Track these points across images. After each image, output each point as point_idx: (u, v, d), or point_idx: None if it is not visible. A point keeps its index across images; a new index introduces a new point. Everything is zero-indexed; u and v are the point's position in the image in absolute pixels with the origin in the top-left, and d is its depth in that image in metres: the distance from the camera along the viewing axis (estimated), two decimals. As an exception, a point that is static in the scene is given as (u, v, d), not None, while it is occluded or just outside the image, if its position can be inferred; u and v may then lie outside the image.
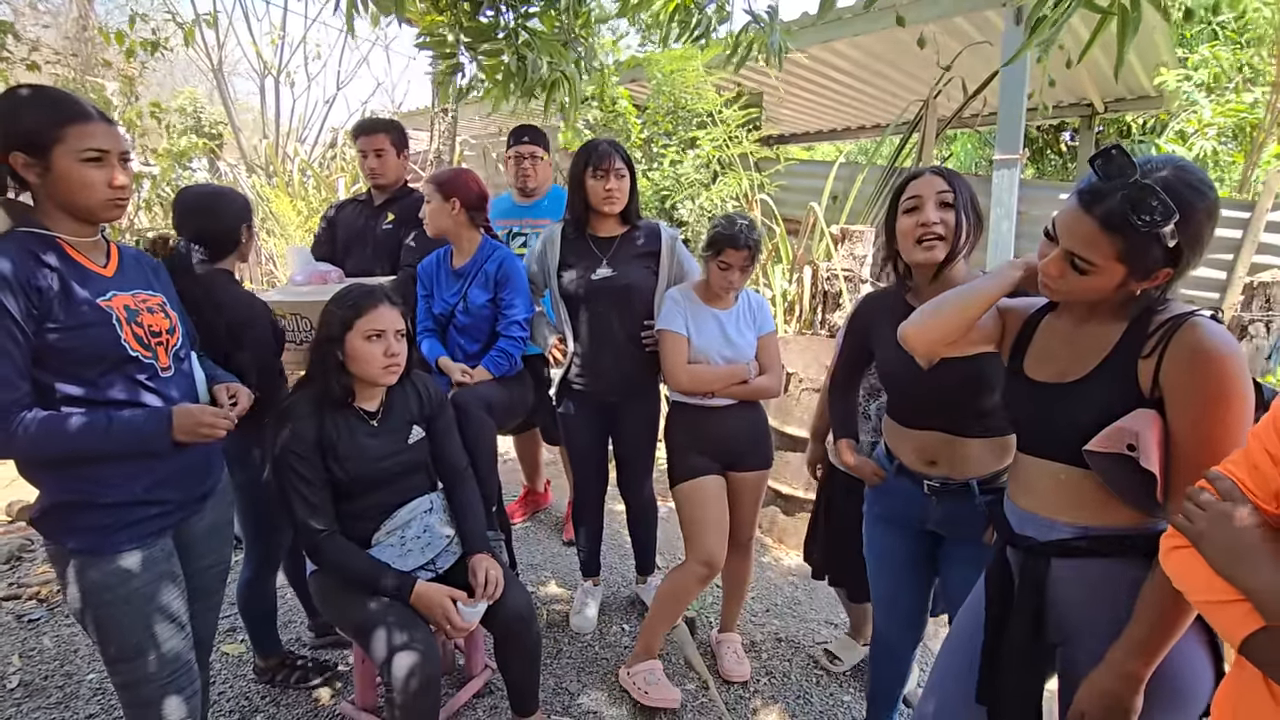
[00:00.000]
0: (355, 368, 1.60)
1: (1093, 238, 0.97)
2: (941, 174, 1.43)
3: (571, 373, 2.20)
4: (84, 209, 1.20)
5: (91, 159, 1.17)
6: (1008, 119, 3.80)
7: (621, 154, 2.06)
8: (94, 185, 1.18)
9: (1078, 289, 1.04)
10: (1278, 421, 0.76)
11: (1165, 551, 0.85)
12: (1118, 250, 0.96)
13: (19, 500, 3.26)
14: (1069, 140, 8.76)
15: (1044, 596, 1.11)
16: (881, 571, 1.67)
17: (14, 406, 1.12)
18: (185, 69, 10.90)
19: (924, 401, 1.47)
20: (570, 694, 2.06)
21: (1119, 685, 0.99)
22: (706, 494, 1.98)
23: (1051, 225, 1.05)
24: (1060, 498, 1.10)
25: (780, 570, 2.88)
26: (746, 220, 1.89)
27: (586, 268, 2.10)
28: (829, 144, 10.71)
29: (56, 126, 1.15)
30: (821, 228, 4.13)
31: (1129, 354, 1.03)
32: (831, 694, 2.13)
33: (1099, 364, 1.06)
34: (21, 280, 1.12)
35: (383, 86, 21.26)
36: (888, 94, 6.39)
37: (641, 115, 5.20)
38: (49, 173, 1.16)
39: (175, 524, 1.34)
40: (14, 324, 1.11)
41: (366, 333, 1.58)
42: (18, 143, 1.15)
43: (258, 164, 7.56)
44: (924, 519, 1.51)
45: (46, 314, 1.14)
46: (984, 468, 1.43)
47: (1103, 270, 0.99)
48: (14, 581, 2.63)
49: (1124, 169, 0.94)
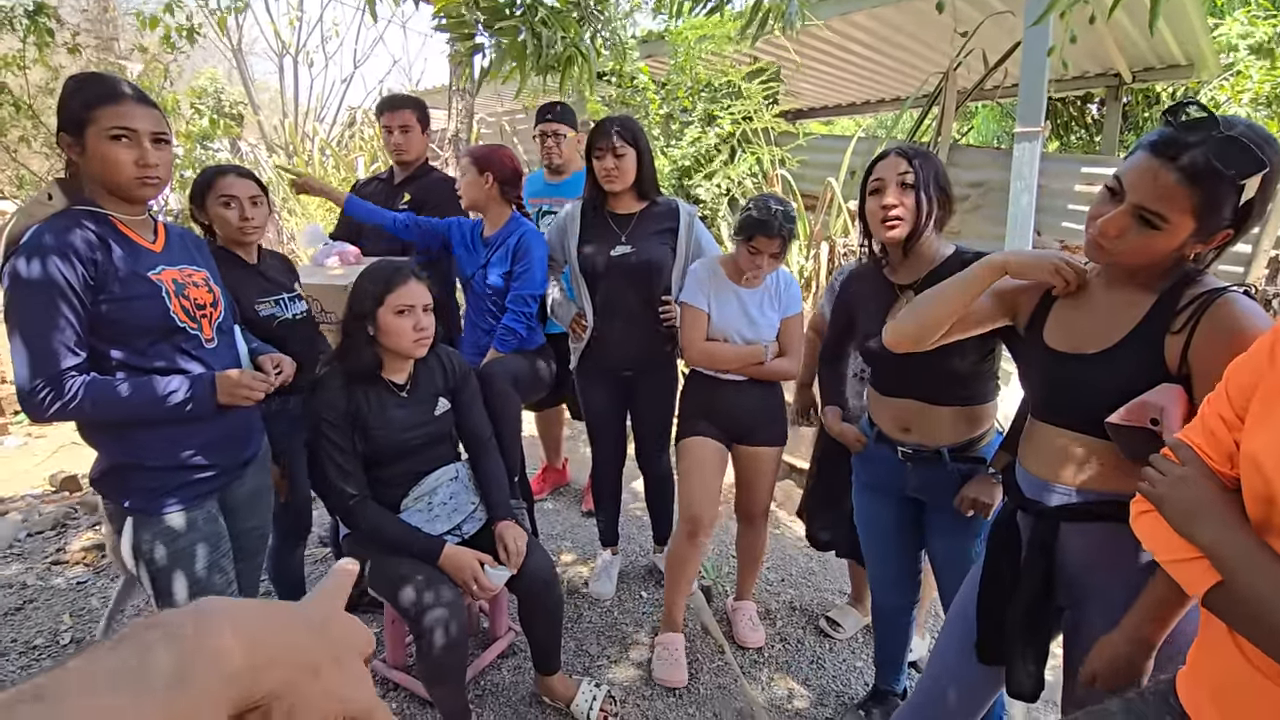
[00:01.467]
0: (386, 341, 1.66)
1: (1171, 190, 0.93)
2: (905, 154, 1.47)
3: (591, 347, 2.25)
4: (115, 186, 1.25)
5: (119, 137, 1.21)
6: (1029, 90, 3.73)
7: (624, 132, 2.05)
8: (122, 164, 1.22)
9: (1132, 250, 1.00)
10: (1228, 387, 0.80)
11: (1134, 516, 0.89)
12: (1194, 204, 0.93)
13: (62, 471, 3.41)
14: (1095, 113, 8.54)
15: (1053, 560, 1.15)
16: (870, 538, 1.75)
17: (70, 373, 1.19)
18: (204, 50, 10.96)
19: (901, 371, 1.53)
20: (590, 656, 2.14)
21: (1132, 649, 1.02)
22: (698, 454, 2.03)
23: (1116, 182, 1.01)
24: (1073, 465, 1.12)
25: (795, 541, 2.93)
26: (783, 206, 1.86)
27: (605, 244, 2.13)
28: (848, 119, 10.55)
29: (89, 107, 1.20)
30: (839, 203, 4.11)
31: (1157, 327, 1.02)
32: (844, 660, 2.18)
33: (1125, 336, 1.05)
34: (80, 253, 1.19)
35: (399, 64, 21.14)
36: (907, 66, 6.27)
37: (661, 91, 5.16)
38: (85, 152, 1.23)
39: (219, 488, 1.41)
40: (74, 295, 1.18)
41: (397, 308, 1.63)
42: (62, 124, 1.23)
43: (278, 144, 7.63)
44: (903, 485, 1.59)
45: (102, 286, 1.21)
46: (955, 436, 1.51)
47: (1172, 227, 0.95)
48: (60, 547, 2.77)
49: (1204, 121, 0.92)
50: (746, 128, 4.75)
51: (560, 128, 2.60)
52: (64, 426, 1.28)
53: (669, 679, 2.00)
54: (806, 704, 2.00)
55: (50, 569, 2.61)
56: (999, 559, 1.23)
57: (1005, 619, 1.20)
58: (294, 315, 1.89)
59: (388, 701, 1.93)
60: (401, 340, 1.65)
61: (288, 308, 1.88)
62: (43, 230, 1.19)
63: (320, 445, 1.64)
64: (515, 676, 2.04)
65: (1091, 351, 1.08)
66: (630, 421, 2.39)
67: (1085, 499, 1.11)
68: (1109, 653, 1.05)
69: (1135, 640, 1.01)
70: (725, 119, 4.76)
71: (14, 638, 2.21)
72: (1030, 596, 1.16)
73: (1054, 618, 1.20)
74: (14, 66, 4.50)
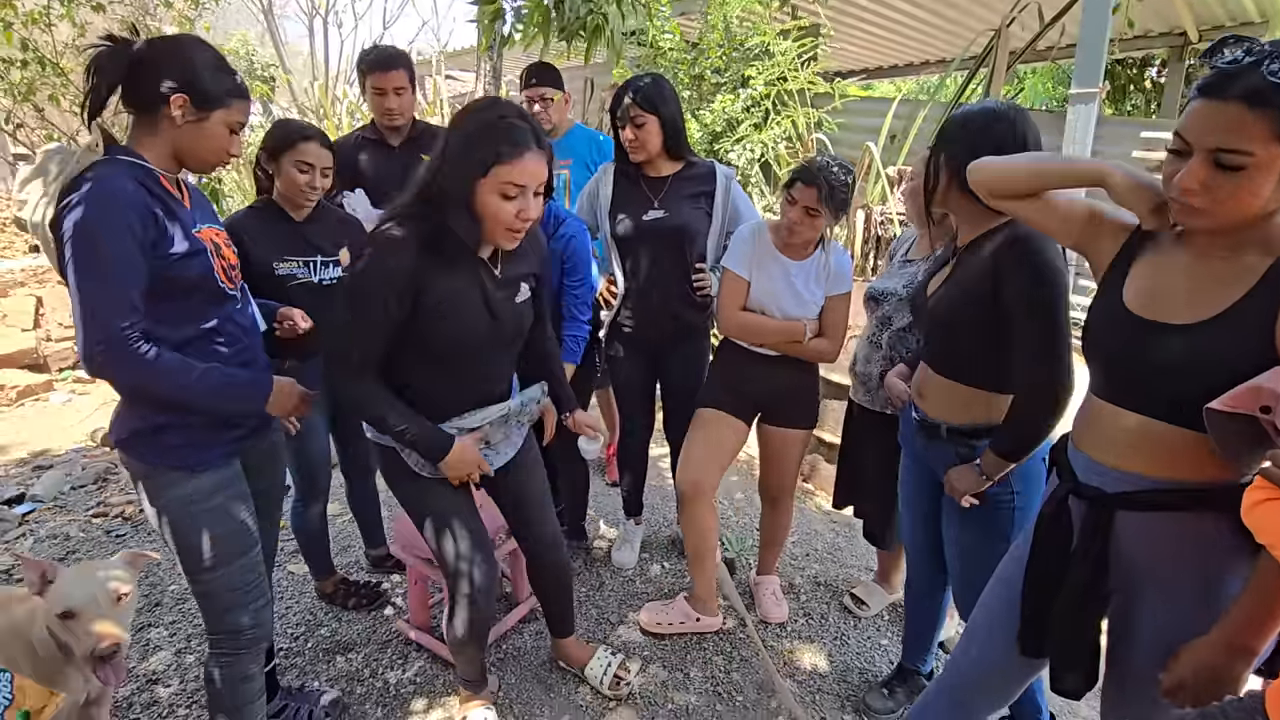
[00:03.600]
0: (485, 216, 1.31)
1: (1239, 120, 0.84)
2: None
3: (621, 315, 2.19)
4: (199, 162, 1.30)
5: (234, 130, 1.30)
6: (1088, 48, 3.51)
7: (643, 100, 1.94)
8: (222, 150, 1.30)
9: (1227, 200, 0.88)
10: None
11: (1251, 505, 0.79)
12: (1273, 127, 0.83)
13: (102, 428, 3.51)
14: (1154, 76, 8.06)
15: (1107, 551, 1.06)
16: (907, 511, 1.71)
17: (135, 329, 1.16)
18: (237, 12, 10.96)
19: (929, 338, 1.53)
20: (611, 624, 2.15)
21: (1228, 658, 0.91)
22: (711, 428, 2.00)
23: (1179, 140, 0.91)
24: (1140, 450, 1.01)
25: (821, 516, 2.89)
26: (838, 162, 1.77)
27: (638, 209, 2.06)
28: (886, 82, 10.16)
29: (227, 95, 1.25)
30: (877, 168, 3.95)
31: (1268, 301, 0.88)
32: (869, 637, 2.15)
33: (1227, 308, 0.91)
34: (144, 205, 1.17)
35: (428, 25, 20.93)
36: (954, 24, 5.97)
37: (692, 51, 4.99)
38: (200, 125, 1.24)
39: (244, 446, 1.42)
40: (138, 248, 1.16)
41: (504, 187, 1.28)
42: (190, 90, 1.22)
43: (308, 107, 7.62)
44: (922, 454, 1.56)
45: (158, 241, 1.20)
46: (961, 416, 1.43)
47: (1258, 161, 0.84)
48: (102, 501, 2.86)
49: (1248, 49, 0.84)
50: (781, 88, 4.56)
51: (546, 90, 2.47)
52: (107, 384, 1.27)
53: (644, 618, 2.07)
54: (829, 680, 1.97)
55: (91, 521, 2.70)
56: (1047, 547, 1.15)
57: (1051, 611, 1.13)
58: (320, 280, 1.85)
59: (410, 664, 1.96)
60: (497, 225, 1.32)
61: (315, 271, 1.84)
62: (103, 179, 1.15)
63: (360, 306, 1.32)
64: (536, 641, 2.05)
65: (1180, 323, 0.94)
66: (660, 390, 2.35)
67: (1147, 485, 1.01)
68: (1200, 659, 0.93)
69: (1234, 647, 0.90)
70: (759, 80, 4.58)
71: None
72: (1079, 589, 1.08)
73: (1102, 607, 1.12)
74: (40, 23, 4.51)
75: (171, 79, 1.20)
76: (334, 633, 2.08)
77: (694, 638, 2.08)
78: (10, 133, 5.18)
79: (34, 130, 5.52)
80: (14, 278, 5.16)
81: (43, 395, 4.37)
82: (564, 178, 2.59)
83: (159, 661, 1.95)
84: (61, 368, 4.71)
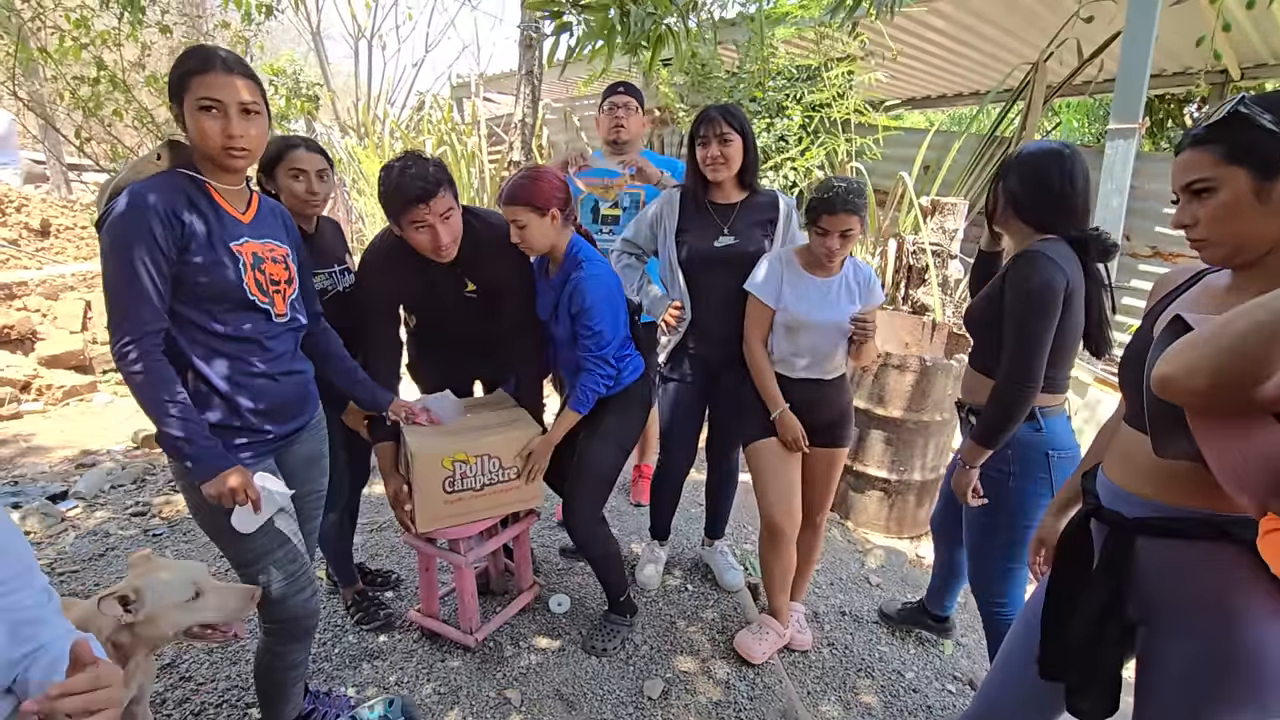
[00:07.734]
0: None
1: (1194, 159, 0.96)
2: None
3: (685, 339, 2.18)
4: (205, 155, 1.30)
5: (208, 108, 1.23)
6: (1128, 83, 3.49)
7: (731, 118, 1.98)
8: (209, 134, 1.25)
9: (1215, 224, 0.95)
10: None
11: (1264, 533, 0.82)
12: (1220, 153, 0.93)
13: (143, 429, 3.61)
14: (1194, 113, 7.97)
15: (1126, 573, 1.07)
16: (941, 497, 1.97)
17: (152, 336, 1.24)
18: (283, 32, 11.39)
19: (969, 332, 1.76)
20: (634, 644, 2.14)
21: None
22: (774, 454, 2.01)
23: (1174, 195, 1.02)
24: (1161, 479, 1.03)
25: (847, 545, 2.86)
26: (845, 183, 1.82)
27: (707, 235, 2.06)
28: (918, 113, 10.17)
29: (184, 77, 1.25)
30: (911, 198, 3.96)
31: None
32: (895, 669, 2.12)
33: None
34: (170, 212, 1.24)
35: (469, 49, 21.51)
36: (989, 58, 6.00)
37: (731, 79, 5.07)
38: (183, 121, 1.28)
39: (275, 451, 1.47)
40: (160, 251, 1.23)
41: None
42: (170, 94, 1.29)
43: (351, 126, 7.87)
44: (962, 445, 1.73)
45: (185, 248, 1.26)
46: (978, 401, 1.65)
47: (1220, 181, 0.93)
48: (141, 500, 2.94)
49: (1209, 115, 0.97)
50: (824, 115, 4.59)
51: (630, 100, 2.52)
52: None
53: (745, 648, 2.09)
54: (853, 713, 1.94)
55: (130, 520, 2.77)
56: (1067, 567, 1.16)
57: (1068, 632, 1.13)
58: (343, 288, 1.89)
59: (418, 648, 2.00)
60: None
61: (338, 280, 1.89)
62: (139, 187, 1.24)
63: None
64: (559, 658, 2.05)
65: None
66: (709, 413, 2.33)
67: (1169, 514, 1.03)
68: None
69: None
70: (795, 110, 4.63)
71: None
72: (1096, 610, 1.09)
73: (1125, 637, 1.12)
74: (110, 43, 4.77)
75: (169, 94, 1.29)
76: (360, 639, 2.10)
77: (716, 662, 2.07)
78: (79, 146, 5.43)
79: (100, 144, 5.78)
80: (65, 281, 5.37)
81: (87, 396, 4.53)
82: (639, 197, 2.59)
83: (192, 659, 1.99)
84: (105, 369, 4.87)
